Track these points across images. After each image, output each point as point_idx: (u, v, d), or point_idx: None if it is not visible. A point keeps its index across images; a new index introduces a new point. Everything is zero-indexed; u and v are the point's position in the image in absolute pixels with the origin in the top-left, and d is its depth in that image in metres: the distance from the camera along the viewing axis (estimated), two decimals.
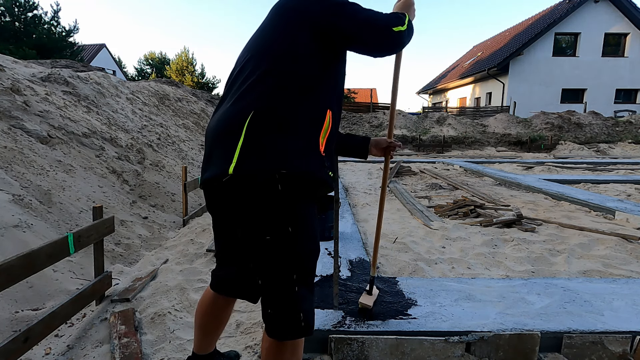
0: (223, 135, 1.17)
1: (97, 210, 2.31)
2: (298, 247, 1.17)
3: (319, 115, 1.22)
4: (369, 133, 15.66)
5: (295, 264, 1.17)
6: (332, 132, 1.28)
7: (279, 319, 1.18)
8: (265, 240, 1.14)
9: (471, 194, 5.64)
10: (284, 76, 1.19)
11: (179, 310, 2.24)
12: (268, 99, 1.16)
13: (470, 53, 30.79)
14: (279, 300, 1.18)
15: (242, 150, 1.11)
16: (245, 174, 1.11)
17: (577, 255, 3.09)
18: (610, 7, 20.04)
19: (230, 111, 1.19)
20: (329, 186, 1.25)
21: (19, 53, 14.54)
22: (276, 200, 1.12)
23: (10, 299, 2.31)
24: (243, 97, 1.19)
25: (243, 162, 1.11)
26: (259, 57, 1.23)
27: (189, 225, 4.21)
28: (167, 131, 8.05)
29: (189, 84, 25.79)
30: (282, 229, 1.14)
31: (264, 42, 1.27)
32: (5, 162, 3.74)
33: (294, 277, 1.16)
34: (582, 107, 18.83)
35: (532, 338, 1.71)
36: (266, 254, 1.16)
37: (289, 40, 1.22)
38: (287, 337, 1.19)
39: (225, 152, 1.14)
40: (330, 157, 1.28)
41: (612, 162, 10.45)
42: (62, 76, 6.75)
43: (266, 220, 1.14)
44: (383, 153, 1.73)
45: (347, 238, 3.23)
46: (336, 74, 1.31)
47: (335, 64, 1.29)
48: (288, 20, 1.25)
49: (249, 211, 1.15)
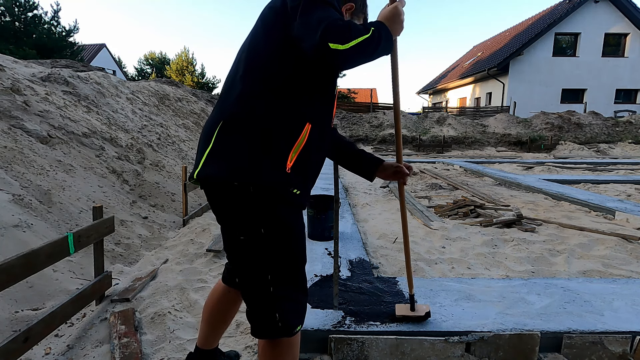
0: (202, 138, 1.23)
1: (97, 210, 2.31)
2: (272, 248, 1.15)
3: (293, 128, 1.14)
4: (369, 133, 15.66)
5: (270, 265, 1.16)
6: (310, 148, 1.19)
7: (255, 317, 1.20)
8: (240, 239, 1.16)
9: (471, 194, 5.64)
10: (257, 82, 1.15)
11: (179, 310, 2.24)
12: (240, 104, 1.15)
13: (470, 53, 30.79)
14: (254, 300, 1.19)
15: (208, 155, 1.16)
16: (206, 179, 1.16)
17: (577, 256, 3.09)
18: (610, 7, 20.04)
19: (210, 117, 1.24)
20: (290, 202, 1.17)
21: (19, 53, 14.55)
22: (248, 201, 1.13)
23: (10, 299, 2.31)
24: (223, 100, 1.23)
25: (206, 168, 1.16)
26: (241, 59, 1.23)
27: (189, 225, 4.21)
28: (167, 131, 8.05)
29: (189, 84, 25.79)
30: (255, 230, 1.14)
31: (247, 44, 1.24)
32: (5, 162, 3.74)
33: (269, 277, 1.16)
34: (582, 107, 18.83)
35: (532, 338, 1.71)
36: (241, 253, 1.18)
37: (266, 42, 1.17)
38: (265, 336, 1.20)
39: (200, 155, 1.20)
40: (301, 174, 1.18)
41: (612, 162, 10.45)
42: (62, 76, 6.75)
43: (239, 220, 1.16)
44: (393, 178, 1.57)
45: (347, 238, 3.23)
46: (321, 86, 1.20)
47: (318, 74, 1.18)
48: (266, 19, 1.20)
49: (225, 211, 1.19)
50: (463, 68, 27.10)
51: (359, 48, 1.04)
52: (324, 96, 1.23)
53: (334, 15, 1.05)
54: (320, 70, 1.18)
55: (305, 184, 1.22)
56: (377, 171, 1.57)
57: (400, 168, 1.55)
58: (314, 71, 1.17)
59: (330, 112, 1.28)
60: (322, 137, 1.25)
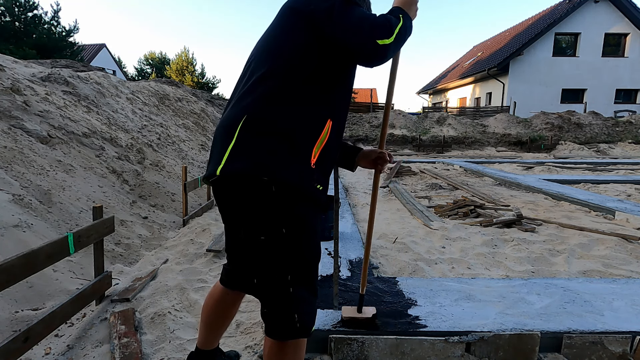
0: (220, 136, 1.21)
1: (97, 210, 2.31)
2: (293, 248, 1.16)
3: (316, 125, 1.17)
4: (369, 133, 15.65)
5: (290, 265, 1.16)
6: (330, 144, 1.22)
7: (274, 318, 1.19)
8: (260, 240, 1.15)
9: (471, 194, 5.64)
10: (282, 79, 1.16)
11: (179, 310, 2.24)
12: (264, 102, 1.16)
13: (470, 53, 30.79)
14: (274, 301, 1.18)
15: (231, 153, 1.14)
16: (230, 176, 1.14)
17: (577, 256, 3.09)
18: (610, 7, 20.04)
19: (230, 113, 1.22)
20: (313, 199, 1.18)
21: (19, 53, 14.55)
22: (270, 201, 1.12)
23: (10, 299, 2.31)
24: (242, 99, 1.20)
25: (229, 165, 1.13)
26: (261, 59, 1.24)
27: (189, 225, 4.21)
28: (167, 131, 8.05)
29: (189, 84, 25.80)
30: (276, 229, 1.14)
31: (267, 44, 1.26)
32: (5, 162, 3.74)
33: (289, 277, 1.16)
34: (582, 107, 18.82)
35: (532, 338, 1.71)
36: (261, 253, 1.17)
37: (288, 42, 1.20)
38: (283, 337, 1.19)
39: (219, 153, 1.18)
40: (322, 169, 1.21)
41: (612, 162, 10.45)
42: (62, 76, 6.75)
43: (260, 220, 1.15)
44: (373, 165, 1.58)
45: (347, 238, 3.23)
46: (342, 82, 1.24)
47: (340, 71, 1.22)
48: (288, 20, 1.23)
49: (245, 210, 1.17)
50: (463, 68, 27.10)
51: (399, 37, 1.13)
52: (344, 91, 1.26)
53: (368, 13, 1.11)
54: (343, 67, 1.21)
55: (326, 179, 1.25)
56: (357, 159, 1.56)
57: (383, 154, 1.55)
58: (337, 68, 1.20)
59: (347, 106, 1.32)
60: (339, 133, 1.28)
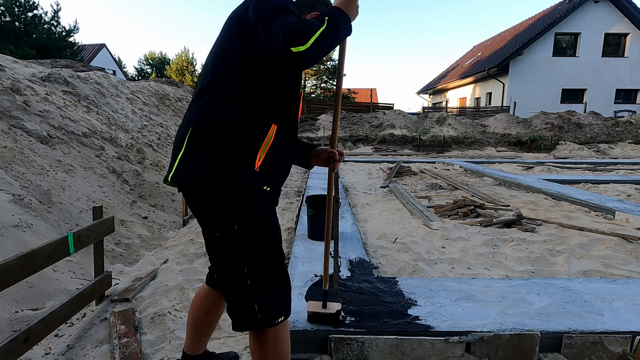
0: (174, 145, 1.30)
1: (97, 210, 2.31)
2: (247, 243, 1.21)
3: (259, 130, 1.21)
4: (369, 133, 15.64)
5: (245, 259, 1.22)
6: (276, 148, 1.25)
7: (235, 311, 1.25)
8: (216, 237, 1.24)
9: (471, 194, 5.64)
10: (224, 87, 1.22)
11: (178, 310, 2.24)
12: (208, 111, 1.22)
13: (470, 53, 30.79)
14: (233, 293, 1.25)
15: (180, 161, 1.24)
16: (180, 182, 1.24)
17: (577, 256, 3.09)
18: (610, 7, 20.04)
19: (182, 123, 1.31)
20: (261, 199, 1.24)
21: (19, 53, 14.56)
22: (220, 200, 1.19)
23: (10, 299, 2.31)
24: (191, 108, 1.29)
25: (178, 173, 1.23)
26: (207, 69, 1.30)
27: (189, 225, 4.21)
28: (167, 131, 8.05)
29: (189, 84, 25.82)
30: (229, 226, 1.21)
31: (212, 53, 1.32)
32: (5, 162, 3.74)
33: (245, 270, 1.22)
34: (582, 107, 18.82)
35: (532, 338, 1.71)
36: (217, 249, 1.26)
37: (229, 51, 1.25)
38: (245, 328, 1.25)
39: (172, 160, 1.28)
40: (270, 171, 1.25)
41: (612, 162, 10.45)
42: (62, 76, 6.75)
43: (213, 218, 1.23)
44: (326, 164, 1.58)
45: (347, 238, 3.23)
46: (285, 87, 1.27)
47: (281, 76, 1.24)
48: (229, 30, 1.28)
49: (200, 210, 1.26)
50: (463, 68, 27.10)
51: (320, 42, 1.09)
52: (289, 95, 1.29)
53: (290, 20, 1.09)
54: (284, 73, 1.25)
55: (274, 181, 1.29)
56: (310, 158, 1.59)
57: (334, 154, 1.57)
58: (279, 74, 1.24)
59: (295, 112, 1.35)
60: (288, 137, 1.32)
